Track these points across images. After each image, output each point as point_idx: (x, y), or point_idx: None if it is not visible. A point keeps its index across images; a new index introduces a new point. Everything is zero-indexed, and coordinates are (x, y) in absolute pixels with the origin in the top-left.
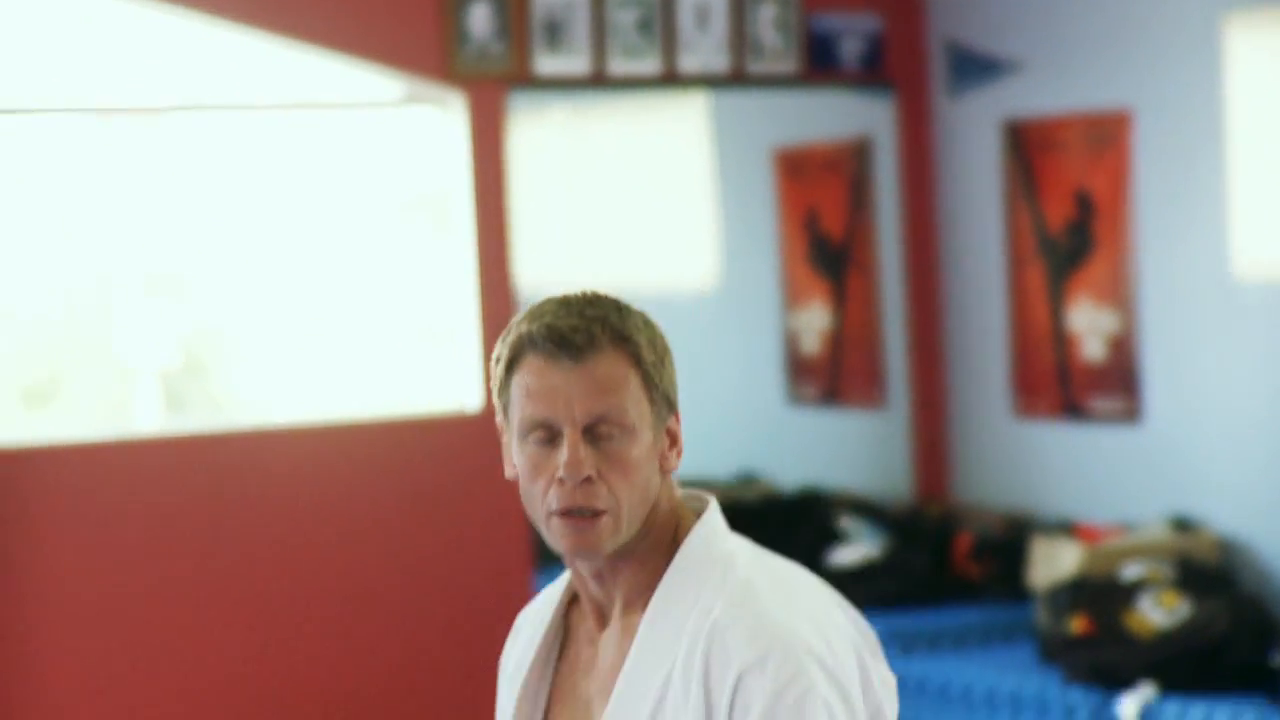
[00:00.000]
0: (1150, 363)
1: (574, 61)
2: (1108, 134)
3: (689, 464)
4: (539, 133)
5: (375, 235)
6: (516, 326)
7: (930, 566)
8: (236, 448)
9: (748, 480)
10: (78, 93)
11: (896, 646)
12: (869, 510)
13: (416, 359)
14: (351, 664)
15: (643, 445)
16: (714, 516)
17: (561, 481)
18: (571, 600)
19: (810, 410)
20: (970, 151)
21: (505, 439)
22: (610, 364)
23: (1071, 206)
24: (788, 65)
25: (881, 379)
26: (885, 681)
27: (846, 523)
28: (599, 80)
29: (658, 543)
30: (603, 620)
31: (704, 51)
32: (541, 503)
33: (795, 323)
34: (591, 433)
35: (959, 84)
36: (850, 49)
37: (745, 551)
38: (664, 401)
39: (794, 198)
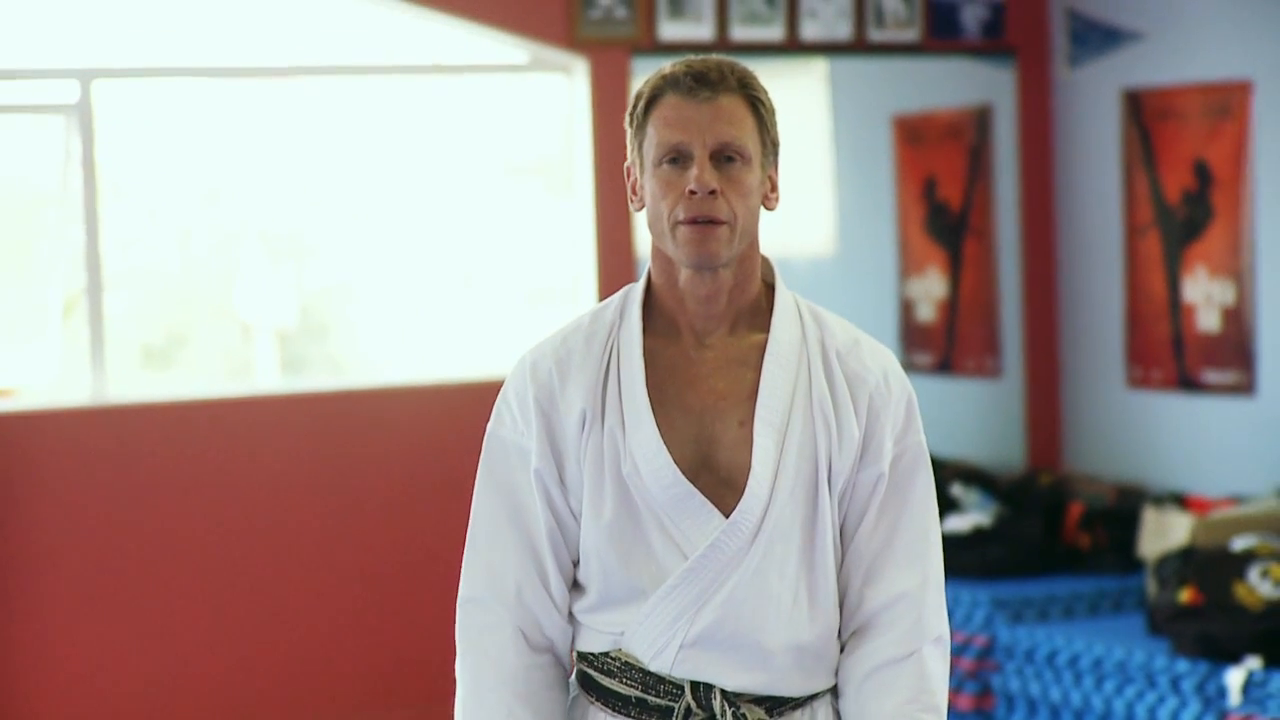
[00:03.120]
0: (1266, 335)
1: (697, 28)
2: (1227, 104)
3: None
4: None
5: (491, 197)
6: (656, 75)
7: (1041, 535)
8: (351, 406)
9: None
10: (206, 54)
11: (1006, 614)
12: (981, 478)
13: (529, 319)
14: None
15: (755, 176)
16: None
17: (691, 194)
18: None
19: (925, 378)
20: (1090, 120)
21: (632, 177)
22: (736, 103)
23: (1190, 176)
24: (910, 33)
25: (996, 348)
26: None
27: (959, 490)
28: (722, 46)
29: (756, 273)
30: (699, 343)
31: (826, 19)
32: (669, 216)
33: (911, 290)
34: (717, 157)
35: (1079, 53)
36: (972, 17)
37: None
38: (772, 147)
39: (913, 165)
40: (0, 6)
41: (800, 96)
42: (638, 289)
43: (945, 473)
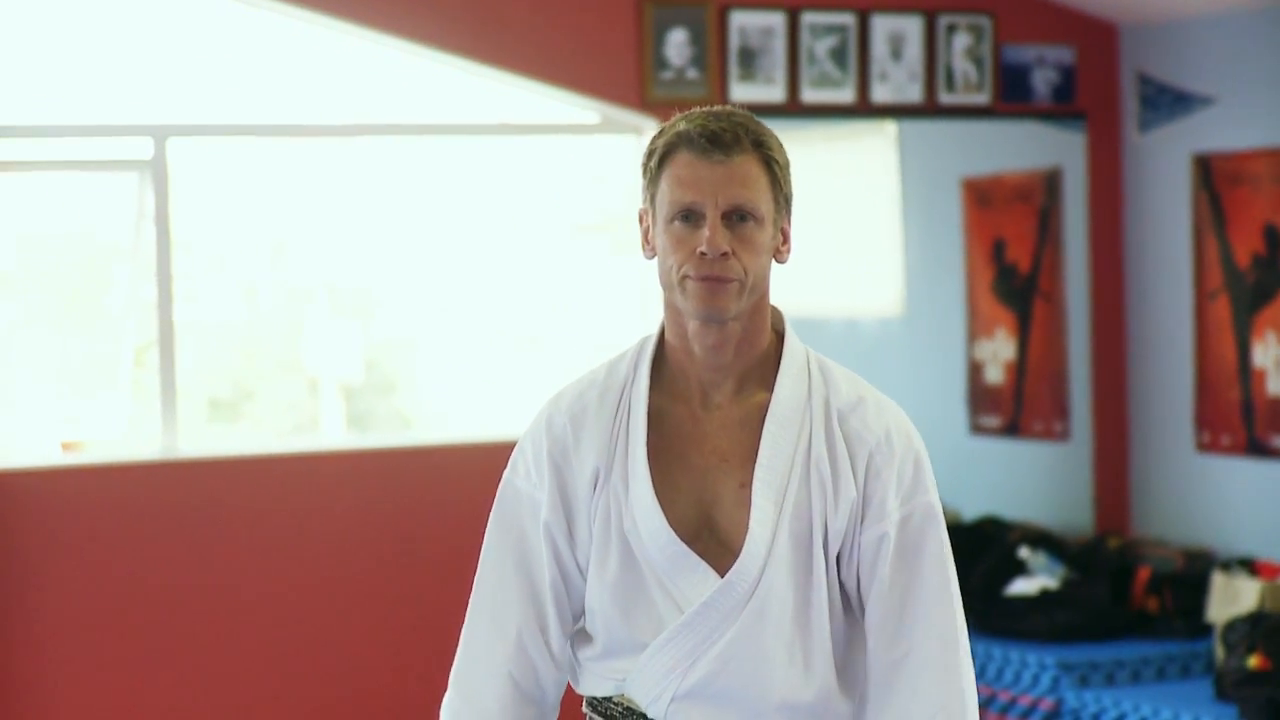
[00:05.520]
0: None
1: (769, 89)
2: None
3: None
4: None
5: (558, 255)
6: (670, 128)
7: (1109, 599)
8: (417, 462)
9: None
10: (277, 112)
11: (1073, 677)
12: (1049, 541)
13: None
14: None
15: (766, 234)
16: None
17: (702, 255)
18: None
19: (992, 441)
20: (1160, 184)
21: (645, 225)
22: (749, 163)
23: (1260, 241)
24: (980, 96)
25: (1065, 411)
26: None
27: (1026, 553)
28: (793, 109)
29: (765, 326)
30: (706, 402)
31: (897, 82)
32: (679, 270)
33: (979, 352)
34: (728, 217)
35: (1150, 117)
36: (1042, 80)
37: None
38: (785, 202)
39: (982, 227)
40: (77, 65)
41: (870, 158)
42: (651, 342)
43: (1012, 535)
